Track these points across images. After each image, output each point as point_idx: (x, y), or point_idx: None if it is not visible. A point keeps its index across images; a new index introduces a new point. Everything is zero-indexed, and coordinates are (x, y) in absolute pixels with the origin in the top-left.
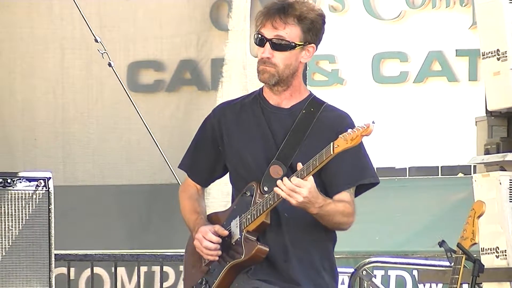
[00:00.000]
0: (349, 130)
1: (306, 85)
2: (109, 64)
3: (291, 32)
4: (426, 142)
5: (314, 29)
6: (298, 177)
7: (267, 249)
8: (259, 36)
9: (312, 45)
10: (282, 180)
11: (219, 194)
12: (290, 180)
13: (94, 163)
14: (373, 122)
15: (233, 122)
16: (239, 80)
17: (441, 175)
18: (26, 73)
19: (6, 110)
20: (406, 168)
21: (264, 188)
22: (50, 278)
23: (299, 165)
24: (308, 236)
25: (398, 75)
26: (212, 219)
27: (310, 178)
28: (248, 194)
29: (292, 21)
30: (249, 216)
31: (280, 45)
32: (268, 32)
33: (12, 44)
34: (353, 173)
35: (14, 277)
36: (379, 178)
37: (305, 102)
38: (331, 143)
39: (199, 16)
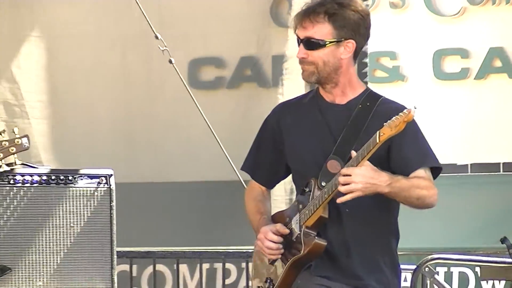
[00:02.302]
0: (393, 118)
1: (367, 82)
2: (170, 61)
3: (320, 30)
4: (487, 139)
5: (349, 25)
6: (348, 168)
7: (325, 243)
8: (296, 37)
9: (350, 41)
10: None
11: (283, 192)
12: (340, 172)
13: (155, 160)
14: (414, 108)
15: (292, 122)
16: (300, 77)
17: (503, 171)
18: (87, 70)
19: (68, 106)
20: (467, 165)
21: (322, 183)
22: (112, 275)
23: (353, 153)
24: (370, 232)
25: (459, 72)
26: (276, 218)
27: (366, 163)
28: (307, 190)
29: (322, 19)
30: (307, 212)
31: (311, 44)
32: (300, 33)
33: (74, 41)
34: (415, 159)
35: (76, 274)
36: (440, 174)
37: (361, 97)
38: (377, 132)
39: (259, 13)
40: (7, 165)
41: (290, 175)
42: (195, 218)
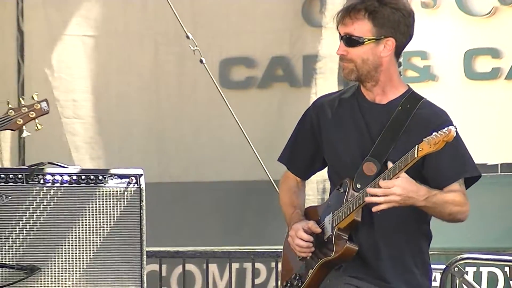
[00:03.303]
0: (433, 134)
1: None
2: (201, 61)
3: (359, 27)
4: None
5: (389, 23)
6: (385, 179)
7: (356, 248)
8: (339, 34)
9: (390, 39)
10: (373, 185)
11: (315, 191)
12: (378, 184)
13: (187, 159)
14: (455, 128)
15: (331, 117)
16: (334, 76)
17: None
18: (121, 69)
19: (102, 106)
20: (498, 165)
21: (357, 185)
22: (141, 275)
23: (389, 164)
24: (401, 234)
25: (490, 72)
26: (309, 213)
27: (402, 174)
28: (342, 190)
29: (362, 16)
30: (340, 214)
31: (351, 42)
32: (342, 30)
33: (107, 40)
34: (454, 168)
35: (105, 273)
36: None
37: (402, 97)
38: (416, 146)
39: (291, 12)
40: (37, 164)
41: (325, 169)
42: (225, 217)
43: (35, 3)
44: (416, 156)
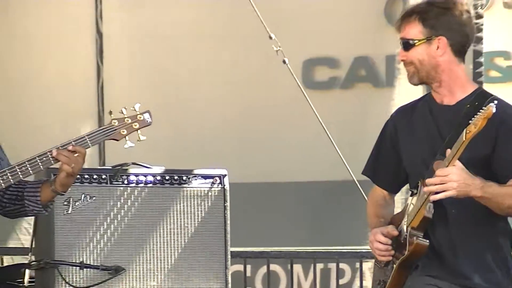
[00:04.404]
0: (477, 115)
1: (481, 82)
2: (284, 61)
3: (411, 30)
4: None
5: (439, 23)
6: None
7: (427, 243)
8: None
9: (441, 37)
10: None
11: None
12: (435, 173)
13: (269, 160)
14: (494, 104)
15: (406, 125)
16: None
17: None
18: (202, 70)
19: (183, 106)
20: None
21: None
22: (226, 275)
23: (448, 151)
24: (478, 231)
25: None
26: (392, 220)
27: (457, 163)
28: (415, 191)
29: (413, 19)
30: (412, 213)
31: (405, 45)
32: (400, 35)
33: (189, 42)
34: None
35: (190, 274)
36: None
37: (471, 96)
38: (464, 130)
39: (373, 12)
40: (121, 165)
41: None
42: (309, 218)
43: (114, 5)
44: (464, 139)
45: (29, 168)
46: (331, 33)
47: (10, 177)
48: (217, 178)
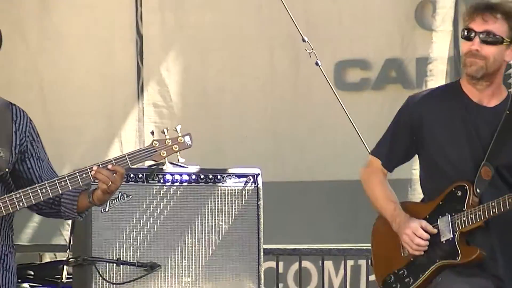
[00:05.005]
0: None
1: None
2: (316, 63)
3: (500, 27)
4: None
5: None
6: None
7: (485, 254)
8: (468, 30)
9: None
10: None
11: None
12: None
13: (302, 159)
14: None
15: (435, 115)
16: (443, 78)
17: None
18: (236, 71)
19: (216, 107)
20: None
21: (477, 190)
22: (259, 272)
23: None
24: None
25: None
26: (408, 209)
27: None
28: (460, 193)
29: (501, 17)
30: (464, 219)
31: (489, 39)
32: (478, 26)
33: (222, 44)
34: None
35: (224, 271)
36: None
37: (507, 102)
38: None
39: (403, 16)
40: (157, 164)
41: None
42: (340, 216)
43: (153, 7)
44: None
45: (69, 184)
46: (362, 35)
47: (49, 191)
48: (250, 177)
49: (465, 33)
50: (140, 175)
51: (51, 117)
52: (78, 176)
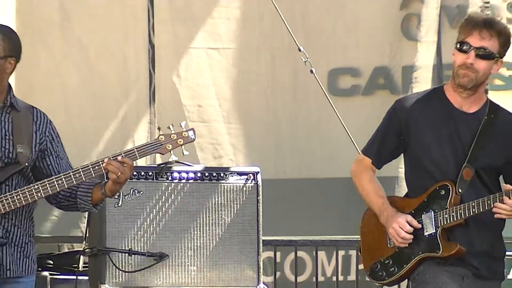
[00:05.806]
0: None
1: (487, 90)
2: (311, 71)
3: (493, 44)
4: None
5: (507, 45)
6: (510, 197)
7: (464, 250)
8: (464, 43)
9: (502, 59)
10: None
11: None
12: (504, 202)
13: (300, 159)
14: None
15: (421, 117)
16: (428, 85)
17: None
18: (241, 78)
19: (224, 111)
20: None
21: (459, 190)
22: (258, 261)
23: (507, 187)
24: (492, 231)
25: None
26: (395, 203)
27: None
28: (443, 192)
29: (495, 34)
30: (447, 216)
31: (484, 54)
32: (475, 41)
33: (229, 53)
34: None
35: (226, 260)
36: None
37: (486, 107)
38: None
39: (391, 27)
40: (166, 163)
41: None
42: (332, 210)
43: (164, 19)
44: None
45: (83, 176)
46: (353, 45)
47: (65, 182)
48: (251, 175)
49: (461, 46)
50: (150, 173)
51: (73, 119)
52: (91, 168)
